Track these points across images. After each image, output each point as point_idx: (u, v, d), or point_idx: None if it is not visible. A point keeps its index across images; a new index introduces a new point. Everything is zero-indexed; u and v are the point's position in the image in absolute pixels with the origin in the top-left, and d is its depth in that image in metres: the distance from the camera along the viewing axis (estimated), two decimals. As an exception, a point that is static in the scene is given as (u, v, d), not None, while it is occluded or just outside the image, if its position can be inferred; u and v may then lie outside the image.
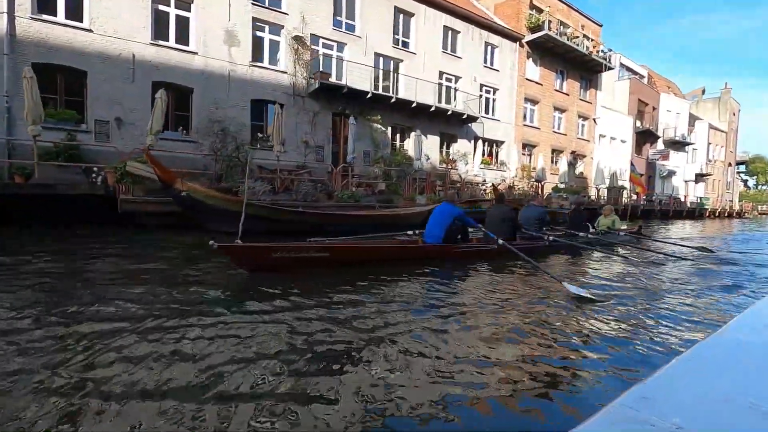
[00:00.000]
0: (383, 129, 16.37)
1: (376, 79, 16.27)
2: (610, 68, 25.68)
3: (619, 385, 2.17)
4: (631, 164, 18.28)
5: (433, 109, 16.65)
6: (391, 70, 16.80)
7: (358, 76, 15.24)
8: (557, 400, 2.00)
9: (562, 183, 21.02)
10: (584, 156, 26.24)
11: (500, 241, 5.70)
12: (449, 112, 17.37)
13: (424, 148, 17.31)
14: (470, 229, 6.45)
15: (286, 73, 14.06)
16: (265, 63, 13.77)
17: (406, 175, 14.84)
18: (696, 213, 32.45)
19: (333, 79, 14.71)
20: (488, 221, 6.57)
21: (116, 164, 8.58)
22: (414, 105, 16.16)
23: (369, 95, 14.89)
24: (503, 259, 5.89)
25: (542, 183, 19.82)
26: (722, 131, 41.19)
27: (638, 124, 31.03)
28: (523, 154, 22.51)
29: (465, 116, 17.86)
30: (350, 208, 10.60)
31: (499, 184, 18.73)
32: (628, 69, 32.34)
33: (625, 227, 9.98)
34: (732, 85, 44.50)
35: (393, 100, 15.52)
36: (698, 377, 0.80)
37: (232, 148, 11.76)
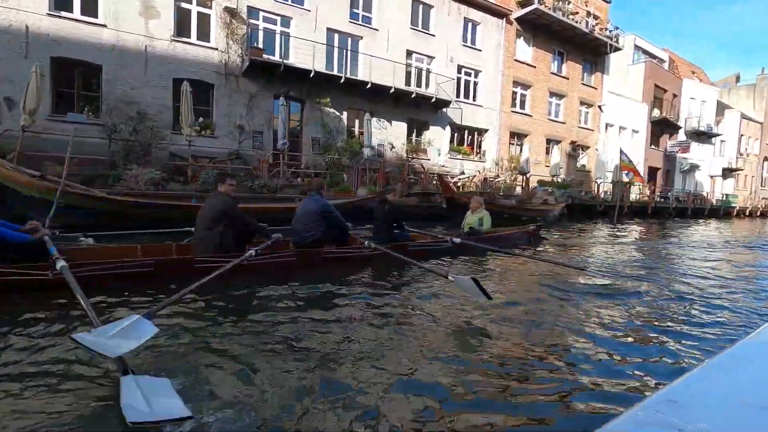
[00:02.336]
0: (337, 114, 14.72)
1: (329, 59, 14.61)
2: (617, 49, 23.00)
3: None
4: (621, 151, 15.87)
5: (392, 91, 14.86)
6: (348, 48, 15.09)
7: (306, 55, 13.64)
8: (580, 401, 2.02)
9: (553, 176, 18.78)
10: (587, 147, 23.71)
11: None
12: (413, 95, 15.52)
13: (389, 135, 15.62)
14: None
15: (216, 49, 12.62)
16: (192, 38, 12.38)
17: (351, 165, 13.15)
18: (721, 212, 29.16)
19: (278, 59, 13.16)
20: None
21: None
22: (369, 86, 14.41)
23: (312, 74, 13.26)
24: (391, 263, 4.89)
25: (527, 175, 17.70)
26: (757, 122, 37.14)
27: (657, 113, 28.07)
28: (513, 144, 20.36)
29: (433, 99, 15.95)
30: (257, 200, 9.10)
31: (474, 176, 16.79)
32: (645, 52, 29.25)
33: (536, 227, 8.46)
34: (773, 72, 39.66)
35: (342, 80, 13.82)
36: (729, 382, 0.77)
37: (129, 130, 10.40)
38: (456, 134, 18.41)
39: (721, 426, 0.62)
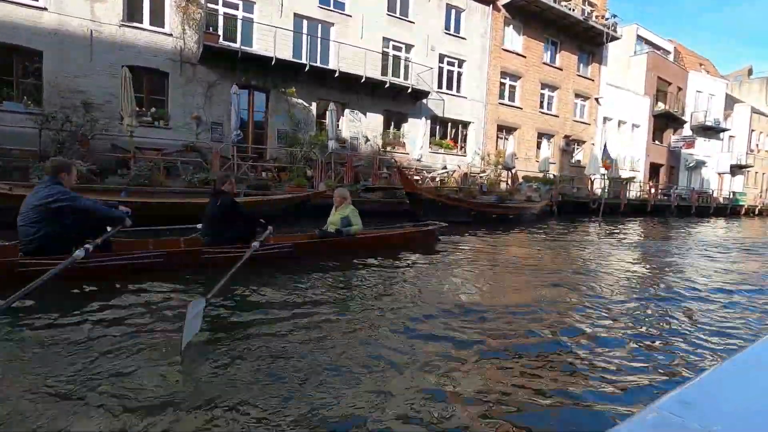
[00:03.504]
0: (305, 104, 13.93)
1: (297, 47, 13.80)
2: (614, 38, 21.81)
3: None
4: (604, 149, 14.83)
5: (363, 80, 14.01)
6: (319, 36, 14.27)
7: (272, 42, 12.86)
8: (590, 401, 2.05)
9: (542, 171, 17.78)
10: (583, 142, 22.58)
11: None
12: (387, 84, 14.65)
13: (364, 127, 14.82)
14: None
15: (171, 35, 11.91)
16: (145, 23, 11.68)
17: (315, 158, 12.36)
18: (728, 210, 27.77)
19: (238, 46, 12.41)
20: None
21: None
22: (337, 75, 13.59)
23: (273, 62, 12.48)
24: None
25: (512, 171, 16.75)
26: (770, 116, 35.48)
27: (662, 106, 26.75)
28: (501, 138, 19.38)
29: (410, 89, 15.06)
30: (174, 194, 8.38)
31: (454, 171, 15.90)
32: (648, 42, 27.88)
33: (434, 228, 6.81)
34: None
35: (307, 68, 13.02)
36: (744, 384, 0.76)
37: (62, 119, 9.73)
38: (438, 127, 17.51)
39: (736, 429, 0.61)
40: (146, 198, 8.07)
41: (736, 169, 32.34)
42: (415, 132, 15.02)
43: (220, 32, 12.49)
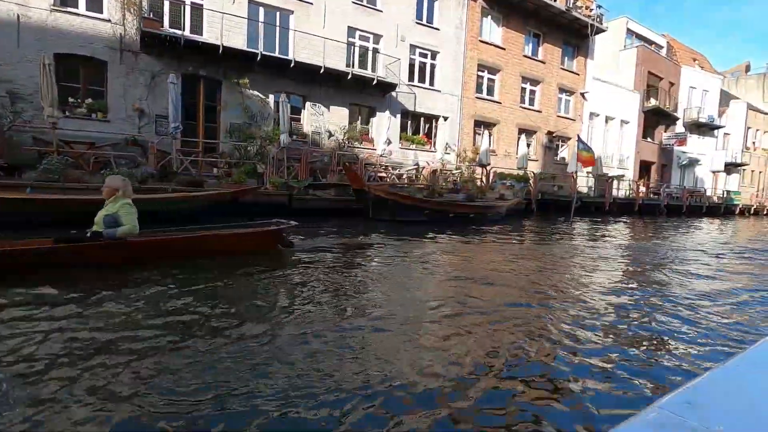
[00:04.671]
0: (261, 96, 13.14)
1: (253, 36, 13.01)
2: (600, 30, 20.93)
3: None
4: (579, 139, 13.97)
5: (322, 71, 13.21)
6: (277, 24, 13.48)
7: (227, 31, 12.08)
8: (592, 401, 2.07)
9: (520, 168, 16.94)
10: (568, 138, 21.71)
11: None
12: (350, 76, 13.84)
13: (327, 121, 14.06)
14: None
15: (109, 21, 11.14)
16: (80, 8, 10.91)
17: (266, 154, 11.57)
18: (722, 210, 26.87)
19: (189, 34, 11.64)
20: None
21: None
22: (293, 65, 12.79)
23: (221, 51, 11.69)
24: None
25: (487, 168, 15.93)
26: (766, 114, 34.50)
27: (653, 102, 25.85)
28: (480, 134, 18.54)
29: (375, 81, 14.24)
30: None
31: (424, 167, 15.09)
32: (639, 36, 26.93)
33: (279, 228, 5.26)
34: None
35: (259, 57, 12.23)
36: (747, 384, 0.76)
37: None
38: (410, 122, 16.71)
39: (737, 429, 0.61)
40: (58, 195, 7.36)
41: (732, 168, 31.38)
42: (388, 127, 14.19)
43: (166, 19, 11.73)
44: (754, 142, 33.56)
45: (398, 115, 15.86)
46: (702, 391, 0.70)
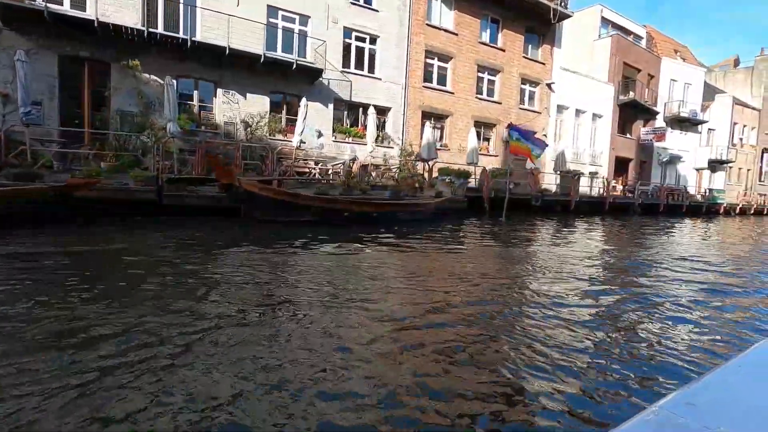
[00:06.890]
0: (159, 81, 11.65)
1: (153, 13, 11.53)
2: (564, 16, 19.39)
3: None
4: (512, 127, 12.48)
5: (227, 52, 11.70)
6: (180, 1, 11.99)
7: (121, 7, 10.63)
8: (592, 402, 2.07)
9: (470, 164, 15.45)
10: (534, 132, 20.13)
11: None
12: (262, 59, 12.32)
13: (243, 111, 12.62)
14: None
15: (-36, -8, 9.67)
16: (-75, -23, 9.44)
17: (151, 145, 10.09)
18: (704, 209, 25.31)
19: (63, 8, 10.18)
20: None
21: None
22: (190, 46, 11.29)
23: (96, 25, 10.19)
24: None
25: (430, 163, 14.43)
26: (754, 108, 32.88)
27: (631, 95, 24.32)
28: (435, 128, 17.02)
29: (294, 65, 12.73)
30: None
31: (353, 161, 13.59)
32: (616, 26, 25.40)
33: None
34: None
35: (145, 35, 10.74)
36: (748, 385, 0.75)
37: None
38: (348, 113, 15.22)
39: (738, 429, 0.61)
40: None
41: (717, 165, 29.83)
42: (320, 117, 12.66)
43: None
44: (741, 139, 31.99)
45: (330, 105, 14.35)
46: (702, 391, 0.70)
